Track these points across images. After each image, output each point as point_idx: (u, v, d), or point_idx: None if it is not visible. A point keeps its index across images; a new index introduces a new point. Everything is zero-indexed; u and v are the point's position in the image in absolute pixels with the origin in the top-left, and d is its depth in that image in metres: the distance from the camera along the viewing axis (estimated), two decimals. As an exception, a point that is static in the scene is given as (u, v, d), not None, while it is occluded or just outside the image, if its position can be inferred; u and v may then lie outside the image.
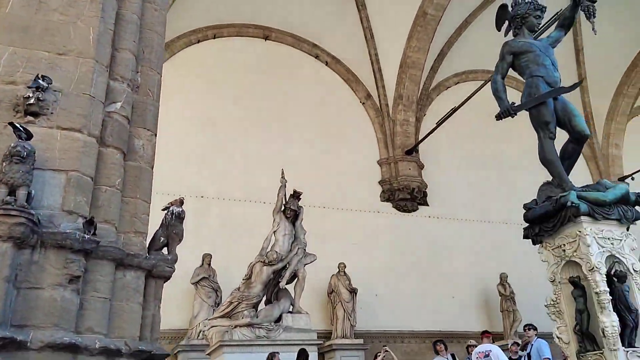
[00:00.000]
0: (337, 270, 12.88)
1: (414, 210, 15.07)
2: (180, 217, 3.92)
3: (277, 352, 7.54)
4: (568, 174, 5.33)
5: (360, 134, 15.64)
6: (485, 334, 7.33)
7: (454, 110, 13.56)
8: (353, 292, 12.66)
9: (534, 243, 5.13)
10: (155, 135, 4.02)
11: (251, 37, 15.28)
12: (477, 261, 14.45)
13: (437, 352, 7.83)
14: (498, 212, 14.98)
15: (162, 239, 3.88)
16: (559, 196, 4.73)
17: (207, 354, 8.47)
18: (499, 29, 6.32)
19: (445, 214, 15.16)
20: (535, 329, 7.13)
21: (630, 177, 16.34)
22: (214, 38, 14.85)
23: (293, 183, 13.74)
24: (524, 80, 5.70)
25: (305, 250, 9.20)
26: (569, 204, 4.56)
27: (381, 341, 13.23)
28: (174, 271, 3.90)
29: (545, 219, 4.85)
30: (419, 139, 15.37)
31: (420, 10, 14.72)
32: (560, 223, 4.69)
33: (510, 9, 6.09)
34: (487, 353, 7.22)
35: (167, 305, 11.61)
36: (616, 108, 17.21)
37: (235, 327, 7.93)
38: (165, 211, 4.02)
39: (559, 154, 5.43)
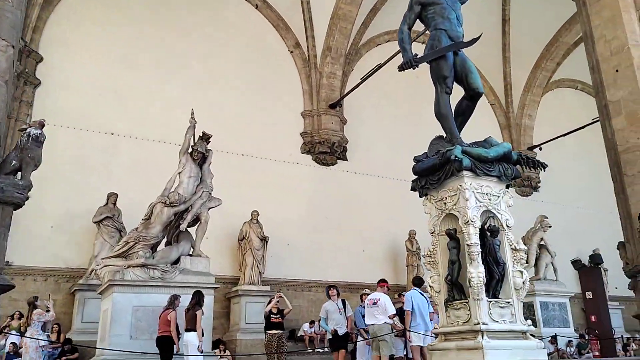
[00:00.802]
0: (250, 217, 12.82)
1: (333, 164, 15.12)
2: (38, 140, 3.59)
3: (179, 295, 7.41)
4: (461, 130, 5.41)
5: (286, 83, 15.33)
6: (380, 282, 7.51)
7: (379, 66, 13.50)
8: (264, 240, 12.68)
9: (420, 195, 5.21)
10: (14, 47, 3.59)
11: (178, -27, 14.34)
12: (389, 217, 14.80)
13: (329, 297, 7.97)
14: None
15: (15, 162, 3.53)
16: (445, 150, 4.77)
17: (99, 293, 8.19)
18: None
19: (363, 170, 15.32)
20: (419, 284, 7.38)
21: (538, 147, 17.17)
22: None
23: (212, 127, 13.26)
24: (429, 33, 5.66)
25: (210, 194, 8.97)
26: (452, 157, 4.62)
27: (289, 289, 13.46)
28: (26, 198, 3.58)
29: (432, 172, 4.90)
30: (345, 93, 15.27)
31: (356, -38, 14.36)
32: (444, 176, 4.76)
33: None
34: (375, 301, 7.48)
35: (67, 243, 11.39)
36: (534, 80, 17.85)
37: (129, 267, 7.68)
38: (22, 132, 3.65)
39: (454, 110, 5.49)
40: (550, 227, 14.06)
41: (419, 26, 6.74)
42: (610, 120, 7.60)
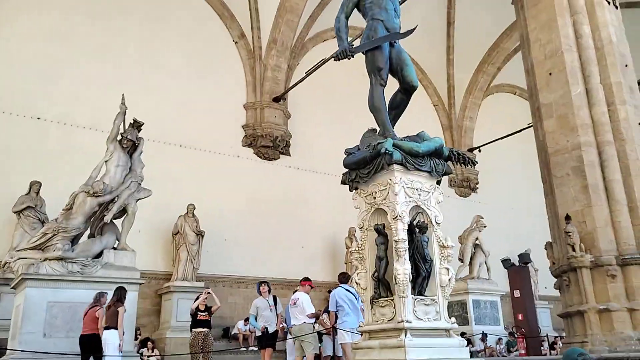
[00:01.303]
0: (186, 211, 12.38)
1: (275, 159, 14.86)
2: None
3: (106, 292, 6.96)
4: (394, 124, 5.31)
5: (229, 74, 14.92)
6: (302, 281, 7.34)
7: (324, 61, 13.33)
8: (200, 234, 12.28)
9: (351, 189, 5.06)
10: None
11: (121, -49, 13.65)
12: (329, 214, 14.70)
13: (260, 293, 7.74)
14: (355, 169, 15.27)
15: None
16: (376, 142, 4.64)
17: (12, 288, 7.59)
18: None
19: (305, 166, 15.15)
20: (345, 281, 7.26)
21: (478, 149, 17.54)
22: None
23: (149, 115, 12.73)
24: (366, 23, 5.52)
25: (140, 184, 8.51)
26: (383, 150, 4.49)
27: (224, 285, 13.11)
28: None
29: (363, 165, 4.76)
30: (289, 87, 15.03)
31: (304, -46, 14.14)
32: (375, 170, 4.63)
33: None
34: (295, 301, 7.32)
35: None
36: (475, 83, 18.23)
37: (45, 260, 7.15)
38: None
39: (389, 103, 5.39)
40: (485, 227, 14.38)
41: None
42: (542, 122, 7.74)
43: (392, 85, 5.60)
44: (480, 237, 14.29)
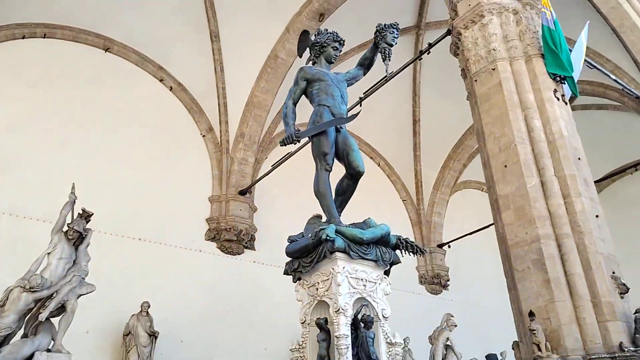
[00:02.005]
0: (140, 309, 11.64)
1: (239, 253, 14.41)
2: None
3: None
4: (342, 210, 5.11)
5: (196, 167, 14.85)
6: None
7: (290, 154, 13.39)
8: (153, 335, 11.45)
9: (294, 280, 4.73)
10: None
11: (90, 45, 14.02)
12: (295, 313, 13.92)
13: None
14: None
15: None
16: (318, 229, 4.40)
17: None
18: (300, 55, 6.19)
19: (271, 261, 14.65)
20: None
21: (447, 245, 17.38)
22: (44, 37, 13.35)
23: (107, 207, 12.46)
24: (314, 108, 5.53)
25: (83, 279, 7.96)
26: (324, 237, 4.24)
27: (178, 392, 12.07)
28: None
29: (305, 254, 4.48)
30: (255, 180, 14.95)
31: (273, 52, 14.72)
32: (317, 259, 4.34)
33: (312, 37, 5.99)
34: None
35: None
36: (442, 179, 18.48)
37: (-35, 362, 6.43)
38: None
39: (335, 189, 5.23)
40: (455, 326, 13.78)
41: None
42: (501, 214, 7.63)
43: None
44: (451, 337, 13.65)
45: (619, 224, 18.96)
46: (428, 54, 9.84)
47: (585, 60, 10.62)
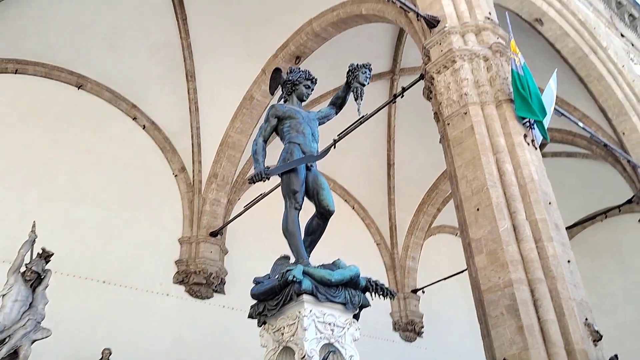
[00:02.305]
0: (101, 356, 11.04)
1: (208, 298, 13.95)
2: None
3: None
4: (311, 251, 4.96)
5: (166, 207, 14.54)
6: None
7: (263, 196, 13.20)
8: (107, 384, 10.85)
9: (259, 324, 4.50)
10: None
11: (62, 82, 13.84)
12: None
13: None
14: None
15: None
16: (285, 270, 4.22)
17: None
18: (271, 93, 6.15)
19: (241, 306, 13.96)
20: None
21: (421, 291, 17.19)
22: (15, 73, 13.14)
23: (71, 249, 12.04)
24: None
25: (39, 323, 7.53)
26: (291, 278, 4.06)
27: None
28: None
29: (271, 296, 4.28)
30: (227, 221, 14.68)
31: (248, 93, 14.76)
32: (283, 301, 4.14)
33: (285, 74, 5.97)
34: None
35: None
36: (417, 223, 18.46)
37: None
38: None
39: (305, 228, 5.09)
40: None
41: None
42: (474, 258, 7.54)
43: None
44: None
45: (590, 271, 19.14)
46: (402, 97, 9.95)
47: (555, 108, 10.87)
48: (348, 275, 4.36)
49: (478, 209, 7.63)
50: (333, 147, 11.53)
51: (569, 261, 7.16)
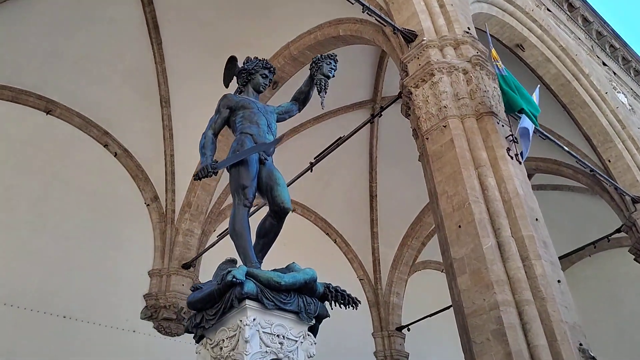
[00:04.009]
0: (55, 397, 10.11)
1: (178, 335, 13.02)
2: None
3: None
4: (263, 255, 4.33)
5: (137, 238, 13.78)
6: None
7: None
8: None
9: (196, 339, 3.80)
10: None
11: (30, 107, 13.28)
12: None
13: None
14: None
15: None
16: (225, 271, 3.58)
17: None
18: (226, 85, 5.64)
19: (214, 343, 13.30)
20: None
21: (407, 328, 16.34)
22: (-21, 96, 12.60)
23: (30, 281, 11.25)
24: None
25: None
26: (230, 278, 3.41)
27: None
28: None
29: (210, 304, 3.61)
30: (199, 252, 13.92)
31: (225, 121, 14.26)
32: (223, 309, 3.46)
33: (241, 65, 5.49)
34: None
35: None
36: (401, 257, 17.79)
37: None
38: None
39: (257, 230, 4.48)
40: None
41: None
42: (456, 279, 6.92)
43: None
44: None
45: (580, 309, 18.44)
46: (380, 117, 9.53)
47: (537, 130, 10.49)
48: (302, 279, 3.72)
49: (460, 226, 7.07)
50: (310, 170, 11.05)
51: (559, 281, 6.56)
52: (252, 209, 4.63)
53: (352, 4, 8.50)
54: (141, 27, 12.98)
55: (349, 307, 3.96)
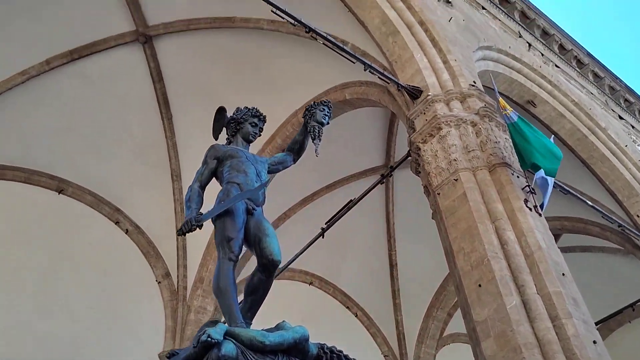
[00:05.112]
0: None
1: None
2: None
3: None
4: (252, 315, 3.86)
5: (147, 318, 13.28)
6: None
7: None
8: None
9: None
10: None
11: (43, 187, 13.34)
12: None
13: None
14: None
15: None
16: (202, 331, 3.14)
17: None
18: (215, 137, 5.40)
19: None
20: None
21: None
22: (-7, 179, 12.70)
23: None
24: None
25: None
26: (204, 338, 2.96)
27: None
28: None
29: (188, 370, 3.15)
30: (212, 331, 13.26)
31: (236, 193, 14.09)
32: (200, 375, 3.01)
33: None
34: None
35: None
36: (426, 330, 16.78)
37: None
38: None
39: (245, 288, 4.05)
40: None
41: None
42: (480, 345, 6.25)
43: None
44: None
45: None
46: (390, 176, 9.22)
47: (558, 184, 10.04)
48: (290, 338, 3.23)
49: (480, 285, 6.49)
50: (322, 236, 10.65)
51: (594, 342, 5.86)
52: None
53: (354, 62, 8.45)
54: (151, 103, 13.19)
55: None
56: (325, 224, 10.37)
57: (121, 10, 11.63)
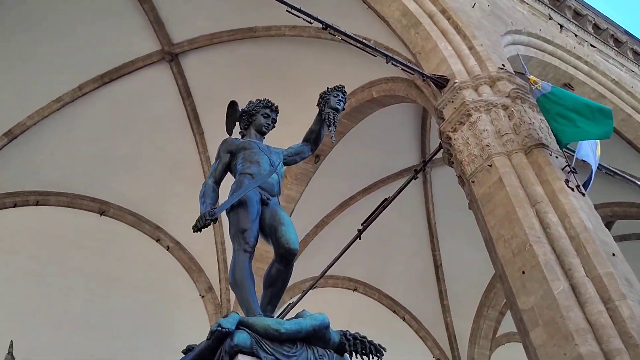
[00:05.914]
0: None
1: None
2: None
3: None
4: (273, 308, 3.70)
5: (191, 333, 12.98)
6: None
7: (292, 306, 11.84)
8: None
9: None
10: None
11: (85, 210, 13.69)
12: None
13: None
14: None
15: None
16: (217, 324, 3.00)
17: None
18: (229, 132, 5.31)
19: None
20: None
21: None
22: (36, 205, 13.09)
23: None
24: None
25: None
26: (214, 328, 2.83)
27: None
28: None
29: (203, 364, 3.02)
30: (257, 342, 13.18)
31: (272, 202, 14.06)
32: (215, 368, 2.87)
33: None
34: None
35: None
36: (478, 330, 16.19)
37: None
38: None
39: (263, 280, 3.90)
40: None
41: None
42: (529, 335, 5.89)
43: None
44: None
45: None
46: (424, 171, 8.92)
47: (603, 167, 9.53)
48: (309, 326, 3.06)
49: (524, 272, 6.15)
50: (359, 238, 10.43)
51: (654, 323, 5.40)
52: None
53: (375, 56, 8.27)
54: (182, 120, 13.37)
55: (373, 358, 3.23)
56: (362, 224, 10.14)
57: (146, 31, 11.86)
